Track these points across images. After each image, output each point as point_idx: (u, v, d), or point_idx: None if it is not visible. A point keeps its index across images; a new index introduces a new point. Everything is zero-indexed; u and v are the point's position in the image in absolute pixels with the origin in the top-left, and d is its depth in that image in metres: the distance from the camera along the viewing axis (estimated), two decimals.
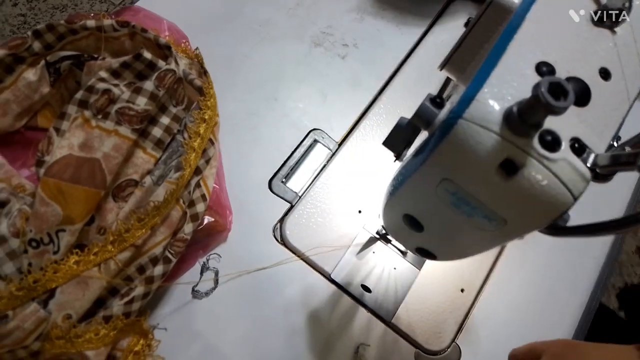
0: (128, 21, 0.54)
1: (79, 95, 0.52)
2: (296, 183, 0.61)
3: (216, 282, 0.55)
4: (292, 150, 0.63)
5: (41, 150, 0.53)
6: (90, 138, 0.49)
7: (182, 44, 0.59)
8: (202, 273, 0.56)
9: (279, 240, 0.58)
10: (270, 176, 0.61)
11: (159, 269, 0.48)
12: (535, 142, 0.26)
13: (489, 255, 0.60)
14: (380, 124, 0.66)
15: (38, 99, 0.55)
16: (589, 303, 0.58)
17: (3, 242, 0.46)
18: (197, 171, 0.52)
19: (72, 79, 0.57)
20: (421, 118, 0.31)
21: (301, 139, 0.63)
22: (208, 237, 0.56)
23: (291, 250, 0.57)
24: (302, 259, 0.56)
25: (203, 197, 0.53)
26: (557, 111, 0.23)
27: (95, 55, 0.55)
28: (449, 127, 0.28)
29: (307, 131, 0.64)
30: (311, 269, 0.57)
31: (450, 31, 0.75)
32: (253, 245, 0.57)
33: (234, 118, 0.62)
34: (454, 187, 0.30)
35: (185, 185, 0.51)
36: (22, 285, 0.44)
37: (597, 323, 0.57)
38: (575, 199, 0.27)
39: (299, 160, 0.62)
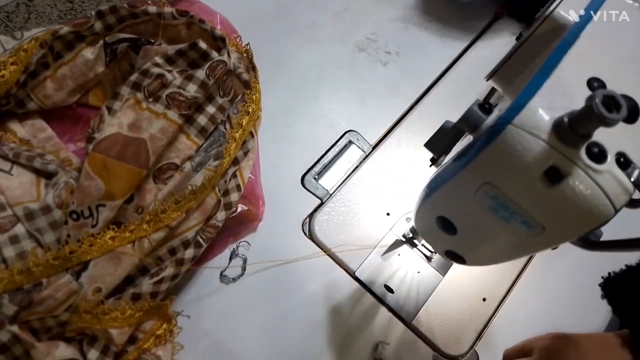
0: (187, 11, 0.56)
1: (133, 77, 0.54)
2: (328, 181, 0.63)
3: (244, 269, 0.57)
4: (327, 149, 0.64)
5: (92, 127, 0.55)
6: (139, 119, 0.50)
7: (234, 39, 0.61)
8: (231, 259, 0.57)
9: (307, 234, 0.59)
10: (304, 172, 0.63)
11: (189, 252, 0.50)
12: (582, 152, 0.27)
13: (513, 267, 0.61)
14: (415, 132, 0.67)
15: (92, 77, 0.57)
16: (612, 322, 0.59)
17: (47, 212, 0.48)
18: (235, 162, 0.54)
19: (126, 61, 0.59)
20: (468, 122, 0.33)
21: (337, 139, 0.65)
22: (239, 225, 0.58)
23: (318, 245, 0.58)
24: (328, 254, 0.58)
25: (238, 187, 0.54)
26: (609, 123, 0.24)
27: (152, 41, 0.57)
28: (497, 131, 0.29)
29: (343, 132, 0.66)
30: (336, 265, 0.58)
31: (492, 48, 0.76)
32: (282, 237, 0.59)
33: (274, 113, 0.64)
34: (495, 191, 0.31)
35: (223, 174, 0.52)
36: (58, 255, 0.45)
37: None
38: (616, 211, 0.28)
39: (332, 159, 0.64)
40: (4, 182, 0.49)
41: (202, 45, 0.54)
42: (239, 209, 0.56)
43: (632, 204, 0.30)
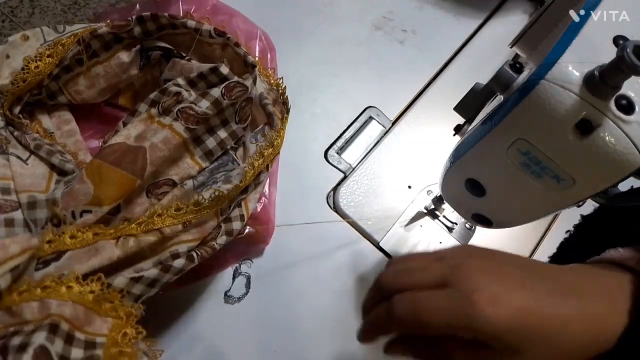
0: (225, 32, 0.55)
1: (152, 95, 0.53)
2: (350, 156, 0.65)
3: (248, 287, 0.56)
4: (348, 124, 0.66)
5: (105, 140, 0.54)
6: (146, 130, 0.49)
7: (265, 70, 0.59)
8: (234, 278, 0.57)
9: (332, 207, 0.61)
10: (327, 147, 0.64)
11: (179, 262, 0.43)
12: (612, 104, 0.29)
13: (530, 239, 0.62)
14: (433, 107, 0.68)
15: (124, 79, 0.57)
16: None
17: (53, 206, 0.46)
18: (244, 191, 0.50)
19: (158, 68, 0.59)
20: (500, 81, 0.34)
21: (357, 115, 0.67)
22: (245, 245, 0.57)
23: (343, 217, 0.60)
24: (353, 225, 0.60)
25: (241, 217, 0.50)
26: None
27: (184, 55, 0.56)
28: (530, 87, 0.31)
29: (364, 108, 0.67)
30: (361, 236, 0.60)
31: (505, 25, 0.77)
32: (308, 210, 0.61)
33: (296, 90, 0.65)
34: (527, 147, 0.33)
35: (231, 199, 0.48)
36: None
37: None
38: None
39: (354, 134, 0.66)
40: (17, 169, 0.49)
41: (224, 70, 0.53)
42: (247, 230, 0.55)
43: None
